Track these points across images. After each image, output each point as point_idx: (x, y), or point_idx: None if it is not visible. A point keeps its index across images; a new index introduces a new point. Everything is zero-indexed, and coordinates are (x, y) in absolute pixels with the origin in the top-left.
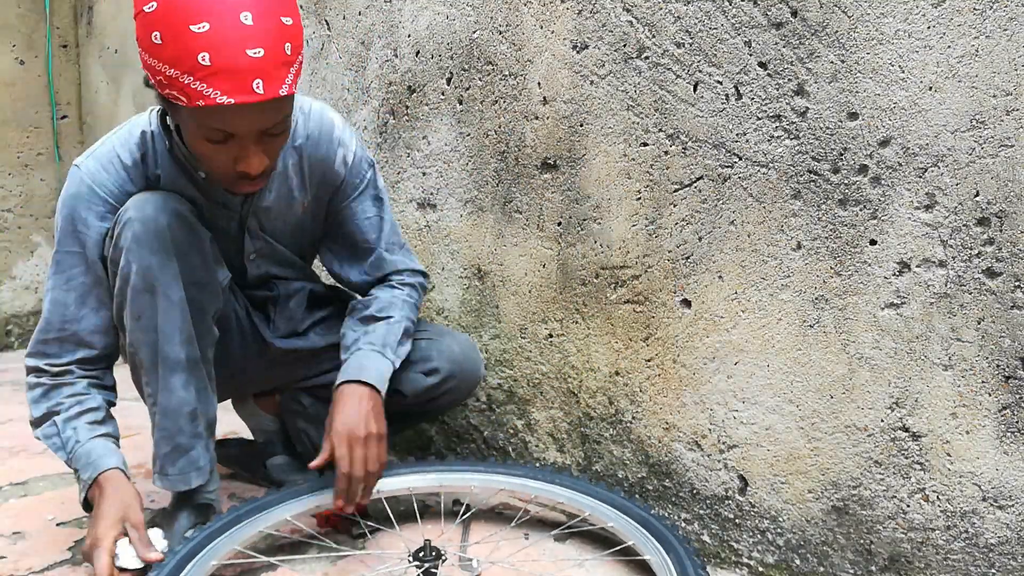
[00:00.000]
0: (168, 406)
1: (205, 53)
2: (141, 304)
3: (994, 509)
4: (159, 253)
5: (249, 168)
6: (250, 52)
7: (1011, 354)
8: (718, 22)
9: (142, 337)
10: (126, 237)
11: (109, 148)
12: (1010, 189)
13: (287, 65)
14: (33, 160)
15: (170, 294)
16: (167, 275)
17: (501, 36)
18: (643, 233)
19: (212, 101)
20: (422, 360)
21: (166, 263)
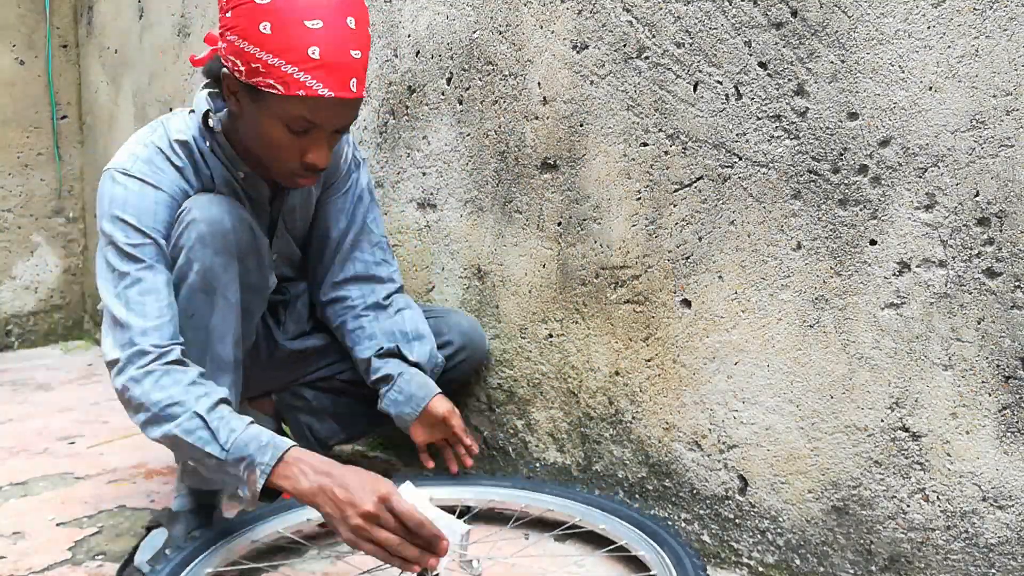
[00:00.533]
0: None
1: (316, 47)
2: (197, 303)
3: (994, 509)
4: (222, 254)
5: (318, 160)
6: (352, 53)
7: (1011, 354)
8: (718, 22)
9: (192, 336)
10: (190, 236)
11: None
12: (1010, 189)
13: (366, 69)
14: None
15: (228, 295)
16: (227, 276)
17: (501, 36)
18: (643, 233)
19: (314, 92)
20: (435, 335)
21: (228, 265)
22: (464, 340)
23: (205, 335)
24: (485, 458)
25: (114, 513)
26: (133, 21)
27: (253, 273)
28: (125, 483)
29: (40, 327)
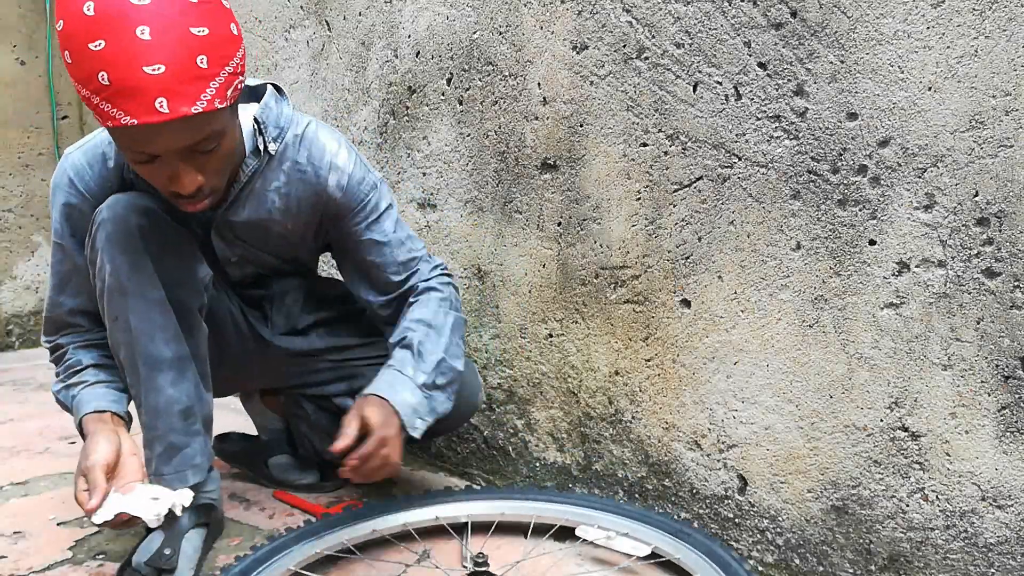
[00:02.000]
0: (156, 405)
1: (104, 72)
2: (117, 305)
3: (993, 509)
4: (130, 253)
5: (180, 188)
6: (147, 69)
7: (1010, 354)
8: (718, 22)
9: (120, 337)
10: (100, 238)
11: (97, 143)
12: (1009, 189)
13: (201, 79)
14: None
15: (145, 293)
16: (140, 275)
17: (501, 37)
18: (643, 233)
19: (118, 122)
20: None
21: (138, 263)
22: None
23: (131, 336)
24: (485, 458)
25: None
26: None
27: (173, 267)
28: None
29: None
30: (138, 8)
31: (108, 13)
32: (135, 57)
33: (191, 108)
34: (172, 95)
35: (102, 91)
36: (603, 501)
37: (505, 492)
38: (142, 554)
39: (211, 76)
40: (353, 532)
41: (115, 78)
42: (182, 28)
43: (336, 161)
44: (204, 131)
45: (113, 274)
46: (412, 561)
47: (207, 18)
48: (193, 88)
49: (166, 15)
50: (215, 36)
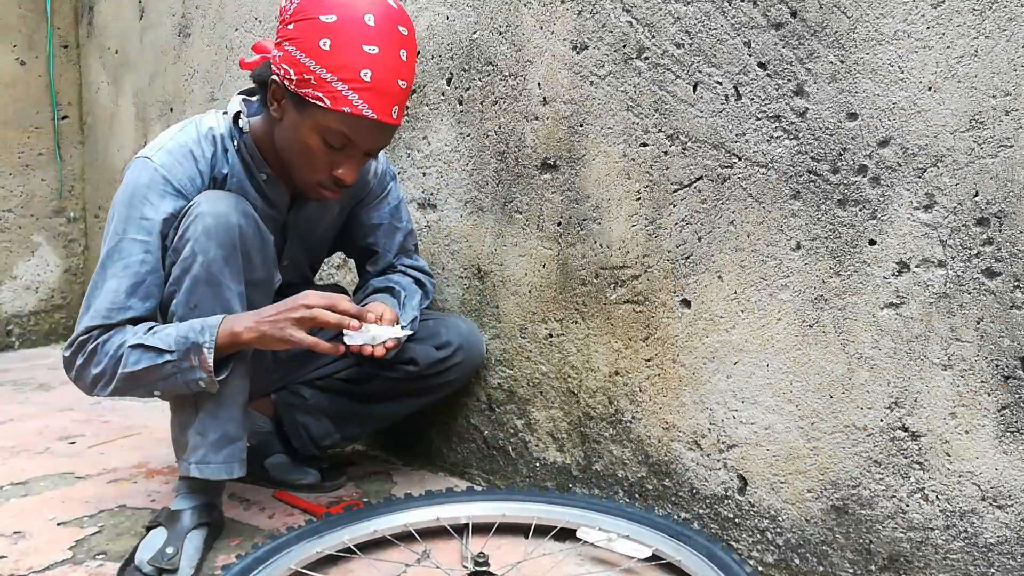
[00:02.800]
0: (224, 393)
1: (368, 71)
2: (199, 295)
3: (993, 509)
4: (226, 247)
5: (346, 177)
6: (400, 82)
7: (1010, 354)
8: (718, 22)
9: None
10: (196, 229)
11: (181, 143)
12: (1009, 189)
13: (406, 98)
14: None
15: (232, 288)
16: (231, 270)
17: (501, 37)
18: (643, 233)
19: (358, 111)
20: (432, 336)
21: (231, 258)
22: (461, 340)
23: None
24: (485, 458)
25: (115, 513)
26: (134, 21)
27: (258, 269)
28: (126, 483)
29: (41, 327)
30: (402, 35)
31: (386, 30)
32: (397, 70)
33: (401, 120)
34: (401, 107)
35: (356, 83)
36: (604, 503)
37: (506, 493)
38: (144, 553)
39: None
40: (354, 532)
41: (377, 79)
42: (414, 60)
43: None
44: (391, 138)
45: (204, 265)
46: (412, 561)
47: (415, 57)
48: (404, 103)
49: (412, 46)
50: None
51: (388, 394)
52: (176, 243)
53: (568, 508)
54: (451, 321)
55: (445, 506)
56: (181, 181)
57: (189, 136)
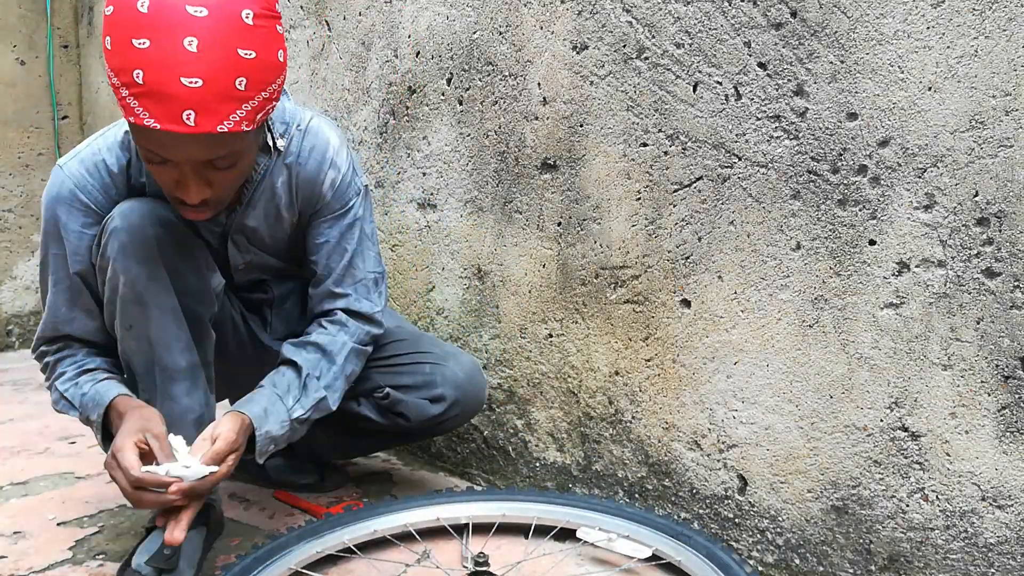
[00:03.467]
0: (172, 414)
1: (139, 71)
2: (132, 314)
3: (993, 509)
4: (147, 263)
5: (186, 196)
6: (185, 80)
7: (1010, 354)
8: (718, 22)
9: (134, 346)
10: (113, 247)
11: (95, 151)
12: (1009, 189)
13: (235, 101)
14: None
15: (162, 304)
16: (157, 285)
17: (501, 37)
18: (643, 233)
19: (140, 121)
20: (427, 386)
21: (155, 273)
22: (458, 395)
23: (148, 345)
24: (485, 458)
25: (115, 513)
26: None
27: (187, 278)
28: None
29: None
30: (193, 18)
31: (161, 15)
32: (176, 66)
33: (216, 126)
34: (202, 110)
35: (133, 87)
36: (604, 503)
37: (507, 493)
38: (143, 554)
39: (245, 99)
40: (354, 532)
41: (150, 80)
42: (230, 47)
43: (336, 159)
44: (223, 149)
45: (128, 284)
46: (412, 561)
47: (258, 42)
48: (224, 107)
49: (218, 31)
50: (260, 61)
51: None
52: (99, 262)
53: (568, 508)
54: (449, 368)
55: (445, 506)
56: (91, 194)
57: (106, 142)
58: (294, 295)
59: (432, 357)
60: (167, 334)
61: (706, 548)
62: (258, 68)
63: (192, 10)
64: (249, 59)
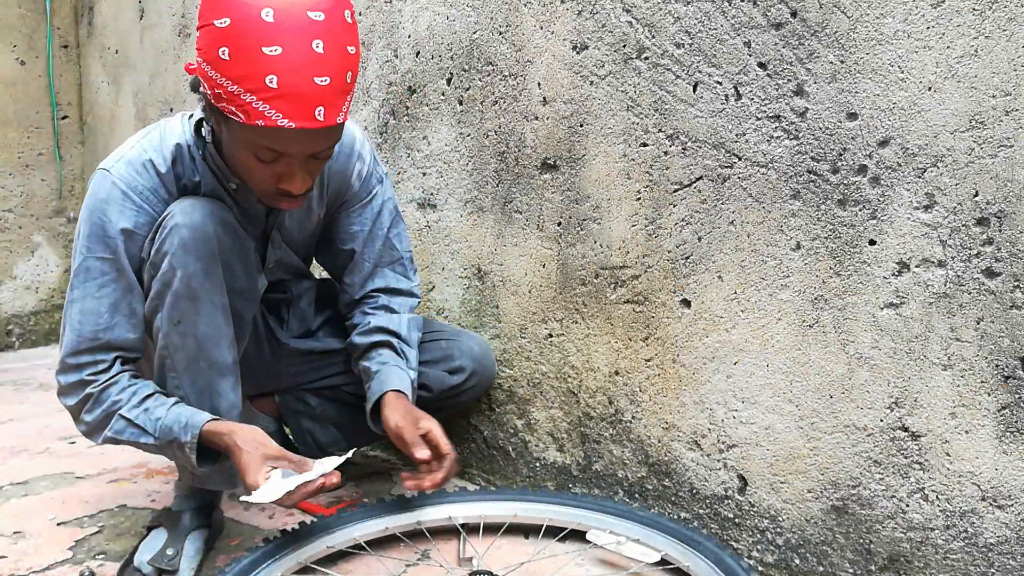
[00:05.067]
0: (219, 409)
1: (274, 76)
2: (182, 309)
3: (993, 509)
4: (205, 259)
5: (292, 188)
6: (317, 80)
7: (1010, 354)
8: (718, 22)
9: (179, 341)
10: (172, 242)
11: (140, 152)
12: (1009, 189)
13: (346, 93)
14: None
15: (214, 300)
16: (212, 282)
17: (501, 37)
18: (643, 233)
19: (273, 123)
20: (445, 359)
21: (212, 270)
22: (475, 366)
23: (195, 342)
24: (485, 458)
25: (115, 513)
26: (134, 21)
27: (239, 277)
28: (126, 482)
29: (41, 327)
30: (314, 22)
31: (288, 22)
32: (309, 67)
33: (337, 119)
34: (328, 106)
35: (264, 92)
36: (616, 505)
37: (517, 493)
38: (144, 554)
39: (350, 90)
40: (365, 529)
41: (286, 83)
42: (343, 45)
43: (362, 152)
44: (333, 140)
45: (184, 279)
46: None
47: (355, 38)
48: (341, 100)
49: (335, 32)
50: (357, 54)
51: None
52: (153, 257)
53: (579, 510)
54: (465, 343)
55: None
56: (143, 194)
57: (151, 144)
58: (308, 293)
59: (446, 335)
60: (217, 330)
61: (714, 554)
62: (356, 61)
63: (313, 15)
64: (353, 54)
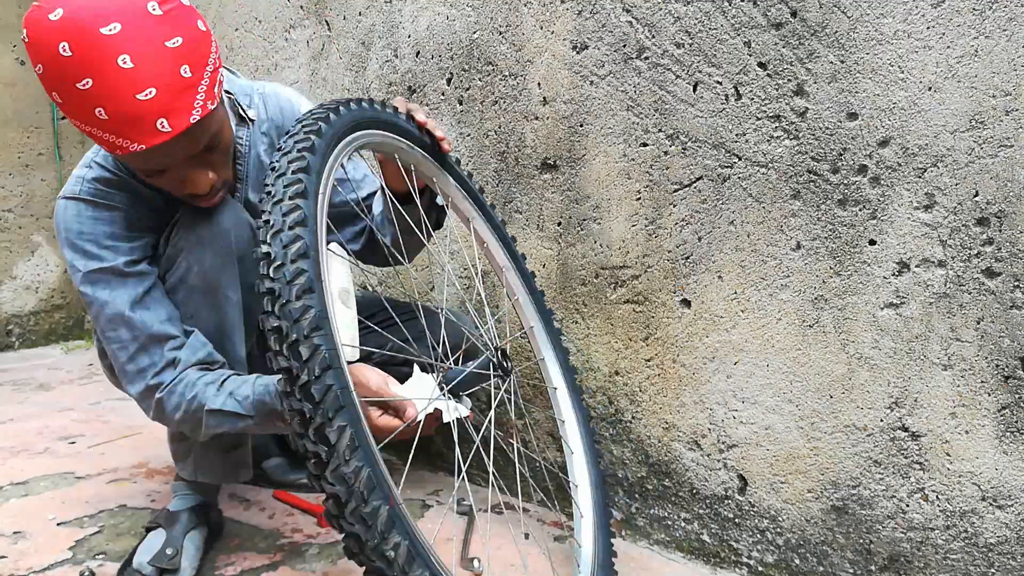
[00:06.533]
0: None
1: (99, 108)
2: (197, 303)
3: (993, 509)
4: (221, 255)
5: (196, 189)
6: (140, 96)
7: (1010, 354)
8: (718, 22)
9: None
10: (188, 238)
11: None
12: (1009, 189)
13: (190, 88)
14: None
15: (230, 295)
16: (228, 276)
17: (501, 36)
18: (643, 233)
19: (126, 150)
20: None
21: (227, 265)
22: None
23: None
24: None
25: (115, 513)
26: None
27: (253, 272)
28: (126, 483)
29: (41, 327)
30: (112, 38)
31: (85, 50)
32: (125, 87)
33: (190, 119)
34: (169, 113)
35: (103, 124)
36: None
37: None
38: (144, 554)
39: (197, 82)
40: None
41: (112, 111)
42: (158, 45)
43: (301, 107)
44: (207, 134)
45: (200, 275)
46: None
47: (176, 26)
48: (186, 100)
49: (140, 37)
50: (189, 42)
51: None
52: (169, 251)
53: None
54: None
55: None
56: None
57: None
58: None
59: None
60: (231, 325)
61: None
62: (191, 50)
63: (106, 31)
64: (178, 46)
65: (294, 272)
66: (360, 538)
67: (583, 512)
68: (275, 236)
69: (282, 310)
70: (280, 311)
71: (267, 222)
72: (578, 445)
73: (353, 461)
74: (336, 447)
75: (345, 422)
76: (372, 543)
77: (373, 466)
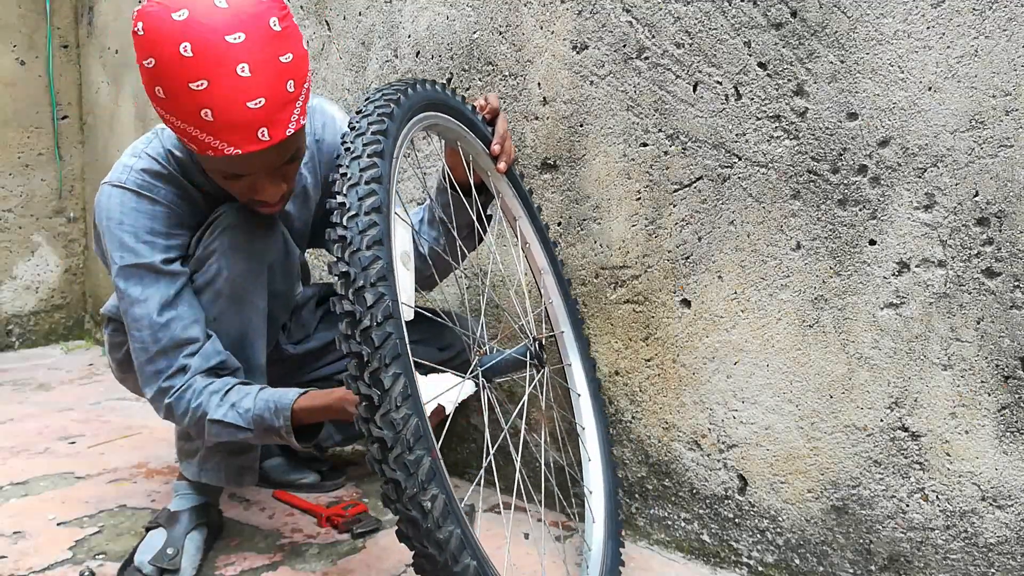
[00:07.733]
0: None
1: (207, 110)
2: (221, 307)
3: (993, 509)
4: (251, 261)
5: (267, 197)
6: (251, 104)
7: (1010, 354)
8: (718, 22)
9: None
10: (222, 242)
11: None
12: (1009, 189)
13: (291, 103)
14: (34, 160)
15: (256, 302)
16: (256, 284)
17: (501, 36)
18: (643, 233)
19: (221, 152)
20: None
21: (257, 272)
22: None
23: (229, 340)
24: (485, 457)
25: (115, 513)
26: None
27: (279, 281)
28: (126, 483)
29: (41, 327)
30: (234, 47)
31: (207, 53)
32: (239, 94)
33: (286, 131)
34: (272, 123)
35: (205, 125)
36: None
37: None
38: (144, 554)
39: (296, 97)
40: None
41: (219, 114)
42: (274, 59)
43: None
44: (292, 148)
45: (228, 280)
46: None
47: (290, 44)
48: (286, 113)
49: (260, 49)
50: (297, 59)
51: None
52: (200, 253)
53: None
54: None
55: None
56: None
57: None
58: (309, 302)
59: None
60: (255, 332)
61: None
62: (297, 66)
63: (231, 39)
64: (289, 62)
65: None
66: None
67: (595, 518)
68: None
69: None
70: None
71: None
72: (596, 452)
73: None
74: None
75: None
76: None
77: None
